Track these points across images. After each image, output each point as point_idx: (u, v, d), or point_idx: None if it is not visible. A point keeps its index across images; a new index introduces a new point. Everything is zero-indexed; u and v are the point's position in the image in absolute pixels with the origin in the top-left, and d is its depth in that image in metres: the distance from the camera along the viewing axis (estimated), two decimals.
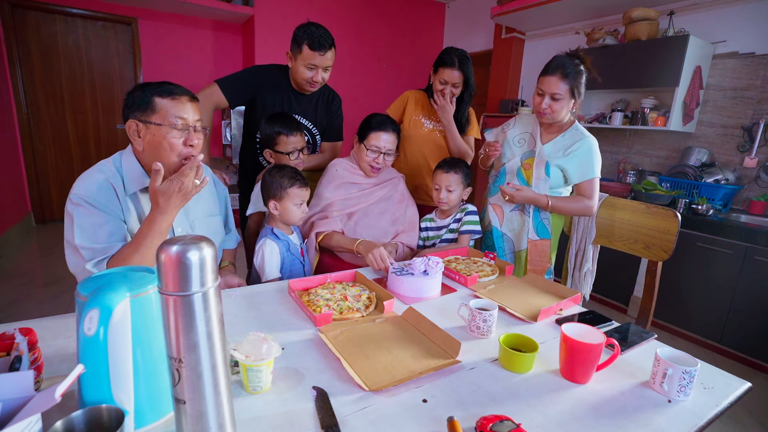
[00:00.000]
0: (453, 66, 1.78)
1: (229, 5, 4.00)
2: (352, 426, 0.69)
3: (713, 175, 2.78)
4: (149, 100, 1.03)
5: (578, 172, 1.54)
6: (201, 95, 1.72)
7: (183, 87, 1.09)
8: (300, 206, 1.42)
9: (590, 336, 0.86)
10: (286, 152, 1.59)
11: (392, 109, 2.05)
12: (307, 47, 1.65)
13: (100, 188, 1.03)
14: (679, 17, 2.97)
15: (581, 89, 1.51)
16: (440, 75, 1.82)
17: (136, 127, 1.04)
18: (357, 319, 1.06)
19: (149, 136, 1.04)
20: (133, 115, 1.04)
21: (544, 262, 1.62)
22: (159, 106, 1.03)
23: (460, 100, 1.90)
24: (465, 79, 1.82)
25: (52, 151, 4.06)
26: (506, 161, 1.69)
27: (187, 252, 0.52)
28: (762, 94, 2.65)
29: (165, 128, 1.03)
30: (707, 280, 2.45)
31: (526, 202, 1.61)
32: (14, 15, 3.68)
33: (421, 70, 5.27)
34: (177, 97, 1.05)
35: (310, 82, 1.73)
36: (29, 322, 0.93)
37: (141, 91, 1.04)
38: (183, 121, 1.05)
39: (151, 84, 1.06)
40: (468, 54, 1.83)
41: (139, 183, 1.08)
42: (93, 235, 1.00)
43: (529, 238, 1.62)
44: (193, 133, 1.08)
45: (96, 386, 0.57)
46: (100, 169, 1.07)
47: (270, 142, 1.59)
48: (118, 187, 1.06)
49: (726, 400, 0.81)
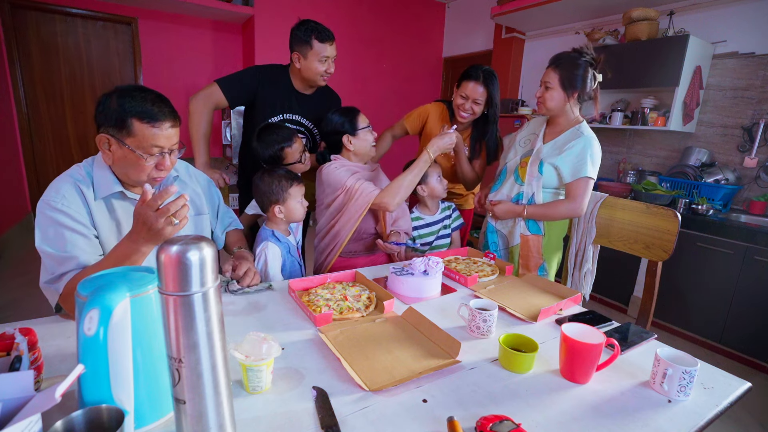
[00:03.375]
0: (477, 80, 1.70)
1: (229, 5, 4.00)
2: (352, 426, 0.69)
3: (713, 175, 2.78)
4: (127, 119, 0.93)
5: (570, 171, 1.52)
6: (201, 95, 1.72)
7: (167, 106, 0.98)
8: (302, 203, 1.45)
9: (590, 336, 0.86)
10: (296, 160, 1.60)
11: (410, 121, 2.01)
12: (316, 41, 1.67)
13: (68, 194, 0.97)
14: (679, 17, 2.97)
15: (576, 82, 1.49)
16: (462, 89, 1.74)
17: (108, 142, 0.96)
18: (357, 319, 1.06)
19: (121, 154, 0.96)
20: (105, 130, 0.95)
21: (537, 258, 1.61)
22: (137, 131, 0.94)
23: (486, 121, 1.81)
24: (489, 97, 1.73)
25: (52, 151, 4.06)
26: (508, 161, 1.70)
27: (187, 252, 0.52)
28: (762, 94, 2.65)
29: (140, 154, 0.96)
30: (707, 280, 2.45)
31: (506, 216, 1.64)
32: (14, 15, 3.68)
33: (421, 70, 5.28)
34: (158, 124, 0.95)
35: (324, 74, 1.74)
36: (29, 322, 0.93)
37: (118, 105, 0.93)
38: (160, 149, 0.97)
39: (129, 96, 0.94)
40: (495, 73, 1.75)
41: (108, 188, 1.01)
42: (55, 243, 0.94)
43: (521, 233, 1.62)
44: (168, 156, 1.00)
45: (96, 386, 0.57)
46: (70, 173, 1.01)
47: (277, 159, 1.57)
48: (87, 192, 1.00)
49: (726, 400, 0.81)
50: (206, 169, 1.69)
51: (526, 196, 1.60)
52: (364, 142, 1.60)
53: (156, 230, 0.83)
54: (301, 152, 1.61)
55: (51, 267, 0.95)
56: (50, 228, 0.95)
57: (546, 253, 1.62)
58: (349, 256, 1.66)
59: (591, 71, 1.50)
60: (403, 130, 2.06)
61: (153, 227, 0.83)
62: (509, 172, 1.68)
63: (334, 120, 1.60)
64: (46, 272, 0.95)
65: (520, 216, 1.60)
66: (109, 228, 1.04)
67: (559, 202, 1.56)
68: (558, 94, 1.52)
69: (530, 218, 1.60)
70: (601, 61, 1.51)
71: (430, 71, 5.36)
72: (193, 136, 1.73)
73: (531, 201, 1.60)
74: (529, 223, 1.61)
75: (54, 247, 0.94)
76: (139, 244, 0.87)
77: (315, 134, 1.91)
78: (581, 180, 1.51)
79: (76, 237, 0.96)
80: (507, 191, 1.67)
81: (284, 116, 1.82)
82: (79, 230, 0.97)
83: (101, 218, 1.02)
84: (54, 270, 0.94)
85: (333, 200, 1.54)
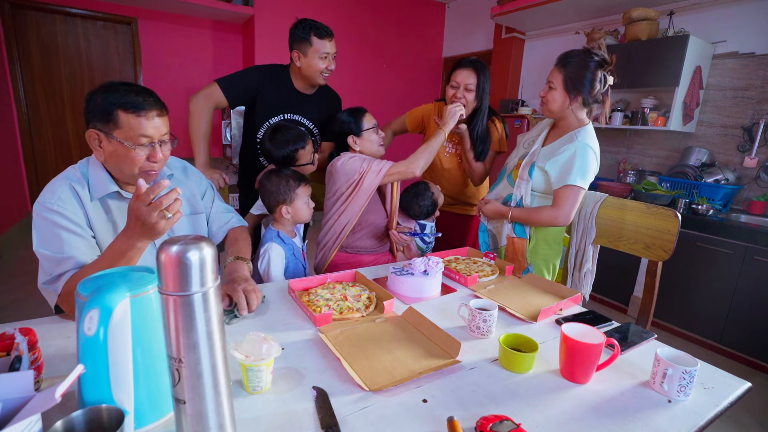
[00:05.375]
0: (466, 67, 1.75)
1: (229, 5, 4.00)
2: (352, 426, 0.69)
3: (713, 175, 2.78)
4: (112, 112, 0.93)
5: (557, 177, 1.49)
6: (201, 95, 1.72)
7: (152, 96, 0.98)
8: (308, 203, 1.45)
9: (590, 336, 0.86)
10: (309, 162, 1.60)
11: (412, 119, 2.02)
12: (315, 37, 1.67)
13: (63, 195, 0.97)
14: (679, 17, 2.97)
15: (581, 84, 1.42)
16: (453, 78, 1.78)
17: (98, 137, 0.96)
18: (357, 319, 1.06)
19: (111, 149, 0.96)
20: (93, 125, 0.95)
21: (521, 261, 1.60)
22: (123, 122, 0.94)
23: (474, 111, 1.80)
24: (478, 84, 1.74)
25: (52, 151, 4.06)
26: (508, 162, 1.70)
27: (187, 252, 0.52)
28: (762, 94, 2.65)
29: (128, 145, 0.95)
30: (707, 280, 2.45)
31: (493, 216, 1.64)
32: (14, 15, 3.68)
33: (420, 70, 5.28)
34: (144, 113, 0.95)
35: (325, 71, 1.74)
36: (29, 322, 0.93)
37: (103, 99, 0.93)
38: (148, 139, 0.97)
39: (113, 89, 0.94)
40: (484, 62, 1.79)
41: (103, 188, 1.01)
42: (52, 245, 0.94)
43: (507, 234, 1.62)
44: (159, 148, 0.99)
45: (96, 386, 0.57)
46: (66, 175, 1.01)
47: (290, 161, 1.57)
48: (83, 193, 0.99)
49: (726, 400, 0.81)
50: (206, 169, 1.68)
51: (514, 198, 1.59)
52: (369, 143, 1.60)
53: (150, 225, 0.83)
54: (312, 153, 1.62)
55: (48, 268, 0.94)
56: (46, 229, 0.94)
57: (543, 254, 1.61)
58: (355, 252, 1.66)
59: (601, 73, 1.41)
60: (402, 127, 2.06)
61: (146, 222, 0.83)
62: (507, 172, 1.68)
63: (340, 120, 1.61)
64: (44, 273, 0.95)
65: (506, 218, 1.59)
66: (106, 228, 1.03)
67: (543, 209, 1.52)
68: (560, 96, 1.46)
69: (514, 221, 1.58)
70: (614, 62, 1.42)
71: (430, 71, 5.36)
72: (193, 136, 1.73)
73: (520, 203, 1.58)
74: (515, 226, 1.60)
75: (51, 248, 0.94)
76: (135, 240, 0.87)
77: (315, 134, 1.91)
78: (566, 188, 1.46)
79: (73, 237, 0.96)
80: (500, 191, 1.67)
81: (285, 116, 1.82)
82: (76, 231, 0.96)
83: (98, 219, 1.02)
84: (51, 271, 0.94)
85: (348, 187, 1.52)
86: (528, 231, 1.58)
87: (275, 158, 1.57)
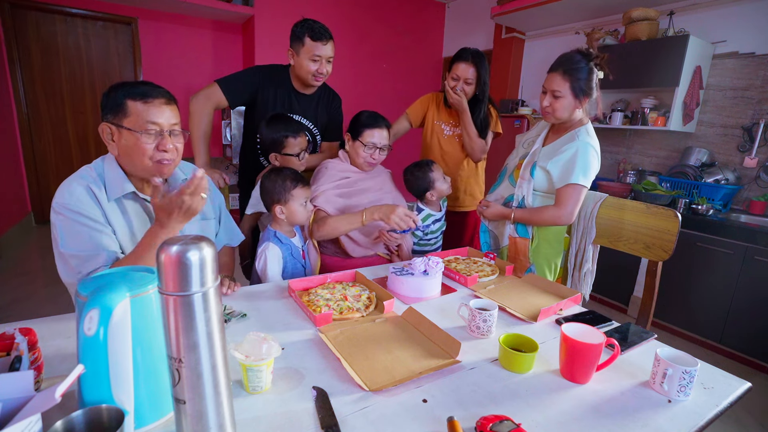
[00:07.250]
0: (466, 60, 1.79)
1: (229, 5, 4.00)
2: (352, 426, 0.69)
3: (713, 175, 2.78)
4: (121, 102, 0.97)
5: (559, 176, 1.49)
6: (201, 95, 1.72)
7: (161, 88, 1.02)
8: (305, 205, 1.43)
9: (590, 336, 0.86)
10: (295, 154, 1.59)
11: (413, 110, 2.05)
12: (309, 38, 1.66)
13: (81, 195, 0.98)
14: (679, 17, 2.97)
15: (587, 88, 1.44)
16: (453, 71, 1.84)
17: (110, 130, 0.99)
18: (357, 319, 1.06)
19: (123, 141, 0.99)
20: (106, 118, 0.99)
21: (524, 261, 1.60)
22: (131, 110, 0.97)
23: (476, 100, 1.89)
24: (478, 77, 1.82)
25: (52, 151, 4.06)
26: (509, 162, 1.70)
27: (187, 252, 0.52)
28: (762, 94, 2.65)
29: (137, 133, 0.97)
30: (707, 280, 2.45)
31: (495, 218, 1.64)
32: (14, 15, 3.68)
33: (420, 70, 5.27)
34: (151, 101, 0.98)
35: (315, 74, 1.73)
36: (29, 322, 0.93)
37: (114, 92, 0.98)
38: (156, 126, 0.99)
39: (126, 84, 0.99)
40: (482, 53, 1.83)
41: (120, 189, 1.03)
42: (78, 243, 0.96)
43: (510, 234, 1.62)
44: (168, 137, 1.01)
45: (96, 386, 0.57)
46: (81, 175, 1.02)
47: (276, 145, 1.58)
48: (99, 194, 1.01)
49: (726, 400, 0.81)
50: (206, 170, 1.68)
51: (516, 198, 1.59)
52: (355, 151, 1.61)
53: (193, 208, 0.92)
54: (302, 148, 1.61)
55: (77, 266, 0.96)
56: (71, 229, 0.96)
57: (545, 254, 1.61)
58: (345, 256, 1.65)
59: (595, 72, 1.45)
60: (404, 127, 2.06)
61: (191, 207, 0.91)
62: (507, 172, 1.68)
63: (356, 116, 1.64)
64: (72, 272, 0.96)
65: (508, 219, 1.59)
66: (123, 229, 1.04)
67: (546, 208, 1.52)
68: (569, 103, 1.46)
69: (517, 222, 1.58)
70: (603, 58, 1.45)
71: (430, 71, 5.36)
72: (194, 136, 1.73)
73: (522, 203, 1.58)
74: (518, 226, 1.60)
75: (77, 247, 0.96)
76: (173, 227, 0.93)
77: (315, 134, 1.91)
78: (568, 186, 1.46)
79: (98, 234, 0.98)
80: (501, 192, 1.67)
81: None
82: (98, 228, 0.98)
83: (115, 219, 1.03)
84: (81, 269, 0.95)
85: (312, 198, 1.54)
86: (530, 231, 1.59)
87: (265, 141, 1.59)
